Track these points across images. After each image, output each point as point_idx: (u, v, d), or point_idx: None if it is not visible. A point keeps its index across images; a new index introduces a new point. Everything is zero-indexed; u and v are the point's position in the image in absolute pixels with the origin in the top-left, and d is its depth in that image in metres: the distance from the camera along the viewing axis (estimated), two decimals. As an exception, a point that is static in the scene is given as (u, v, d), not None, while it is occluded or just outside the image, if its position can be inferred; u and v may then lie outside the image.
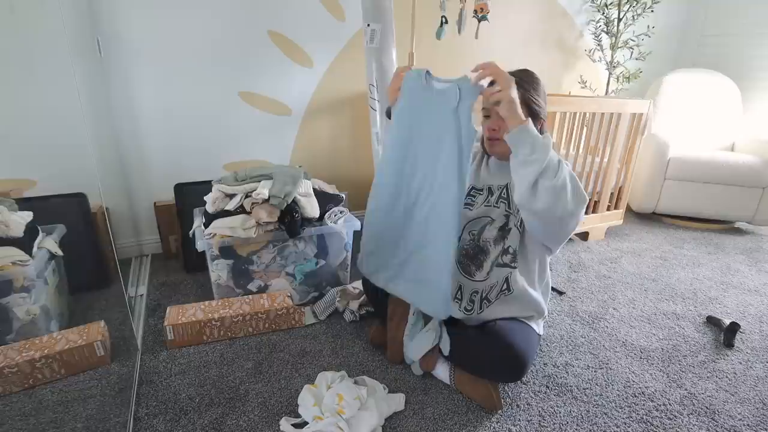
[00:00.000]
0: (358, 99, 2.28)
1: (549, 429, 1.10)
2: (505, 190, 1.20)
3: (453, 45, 2.40)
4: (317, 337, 1.45)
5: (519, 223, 1.16)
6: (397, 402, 1.15)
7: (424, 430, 1.08)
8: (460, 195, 1.08)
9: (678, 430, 1.11)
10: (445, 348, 1.21)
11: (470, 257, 1.24)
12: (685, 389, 1.26)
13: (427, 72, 1.12)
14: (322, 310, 1.57)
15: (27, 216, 1.39)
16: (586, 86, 2.98)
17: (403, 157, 1.18)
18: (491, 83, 1.01)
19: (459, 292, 1.26)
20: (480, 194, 1.25)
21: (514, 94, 0.99)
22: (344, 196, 1.82)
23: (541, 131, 1.21)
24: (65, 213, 1.61)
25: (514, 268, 1.18)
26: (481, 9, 1.99)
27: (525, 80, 1.15)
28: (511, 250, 1.18)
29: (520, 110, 1.01)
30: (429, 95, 1.11)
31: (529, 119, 1.01)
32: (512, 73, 1.16)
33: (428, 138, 1.13)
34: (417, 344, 1.24)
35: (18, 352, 1.19)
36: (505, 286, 1.19)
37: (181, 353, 1.35)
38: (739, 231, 2.67)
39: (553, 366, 1.34)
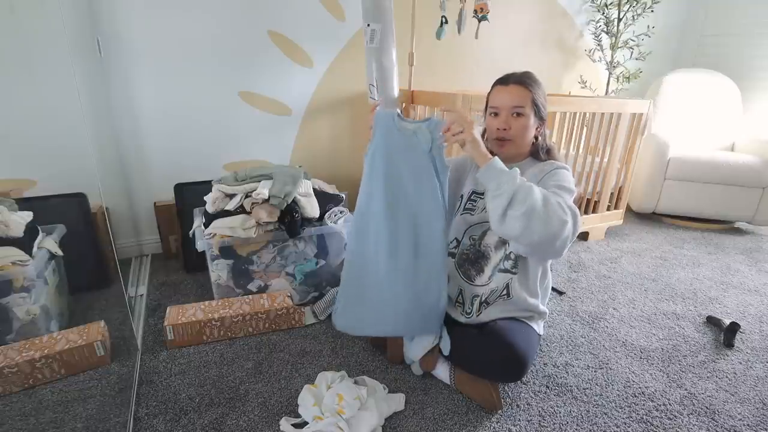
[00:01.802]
0: (358, 99, 2.28)
1: (549, 429, 1.10)
2: None
3: (453, 45, 2.40)
4: (317, 337, 1.45)
5: None
6: (397, 402, 1.15)
7: (424, 430, 1.08)
8: (445, 227, 1.15)
9: (678, 430, 1.11)
10: (445, 348, 1.21)
11: (471, 262, 1.24)
12: (685, 389, 1.26)
13: (398, 114, 1.14)
14: (322, 310, 1.57)
15: (27, 216, 1.39)
16: (586, 86, 2.98)
17: (380, 198, 1.16)
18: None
19: (460, 296, 1.26)
20: (480, 198, 1.24)
21: (477, 135, 1.06)
22: (344, 196, 1.82)
23: (542, 133, 1.21)
24: (65, 213, 1.61)
25: (515, 273, 1.18)
26: (481, 9, 2.00)
27: (531, 82, 1.16)
28: (512, 256, 1.17)
29: (484, 148, 1.06)
30: (402, 136, 1.13)
31: (495, 157, 1.06)
32: (516, 75, 1.17)
33: (405, 178, 1.13)
34: (417, 344, 1.24)
35: (18, 352, 1.19)
36: (505, 292, 1.19)
37: (181, 353, 1.35)
38: (739, 231, 2.67)
39: (553, 366, 1.34)
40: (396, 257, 1.15)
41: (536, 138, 1.21)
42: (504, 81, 1.18)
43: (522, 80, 1.15)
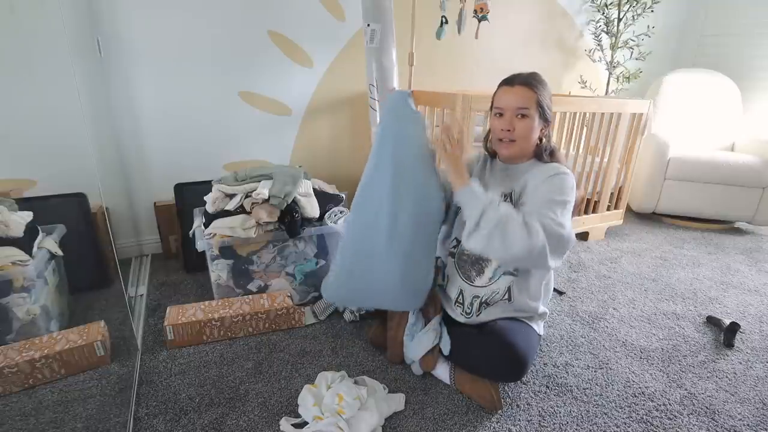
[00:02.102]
0: (358, 99, 2.28)
1: (549, 429, 1.10)
2: (509, 197, 1.18)
3: (453, 45, 2.40)
4: (317, 337, 1.45)
5: None
6: (397, 402, 1.15)
7: (424, 430, 1.08)
8: (441, 206, 1.19)
9: (678, 430, 1.11)
10: (445, 348, 1.21)
11: (471, 263, 1.23)
12: (685, 389, 1.26)
13: (409, 94, 1.18)
14: (322, 310, 1.57)
15: (27, 216, 1.39)
16: (586, 86, 2.98)
17: (386, 170, 1.17)
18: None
19: (461, 297, 1.25)
20: None
21: (464, 158, 1.13)
22: (344, 196, 1.82)
23: (547, 135, 1.20)
24: (65, 213, 1.61)
25: (516, 276, 1.18)
26: (481, 9, 1.99)
27: (537, 83, 1.15)
28: None
29: (462, 170, 1.12)
30: (409, 115, 1.16)
31: (469, 182, 1.11)
32: (522, 76, 1.16)
33: (410, 155, 1.16)
34: (417, 344, 1.24)
35: (18, 352, 1.19)
36: (506, 296, 1.19)
37: (181, 353, 1.35)
38: (739, 231, 2.67)
39: (553, 366, 1.34)
40: (396, 229, 1.16)
41: (540, 139, 1.20)
42: (509, 82, 1.16)
43: (528, 81, 1.14)
